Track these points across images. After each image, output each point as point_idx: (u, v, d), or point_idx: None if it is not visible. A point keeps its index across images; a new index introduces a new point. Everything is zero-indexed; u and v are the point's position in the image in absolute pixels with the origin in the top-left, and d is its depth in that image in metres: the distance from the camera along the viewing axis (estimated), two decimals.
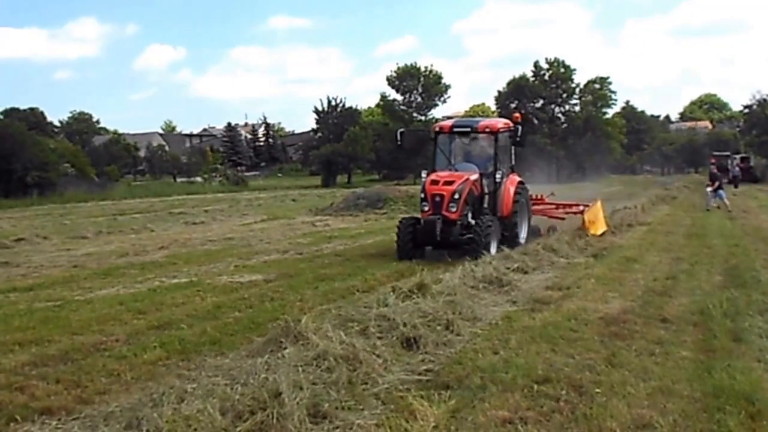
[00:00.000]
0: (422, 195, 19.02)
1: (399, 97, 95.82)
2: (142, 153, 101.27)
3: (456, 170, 19.77)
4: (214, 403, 6.53)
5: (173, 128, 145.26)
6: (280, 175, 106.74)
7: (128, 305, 13.17)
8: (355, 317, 10.19)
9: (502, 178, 19.76)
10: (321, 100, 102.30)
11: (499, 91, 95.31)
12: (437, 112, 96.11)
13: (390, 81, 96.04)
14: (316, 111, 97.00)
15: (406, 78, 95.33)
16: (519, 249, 17.90)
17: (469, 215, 18.80)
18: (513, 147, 20.96)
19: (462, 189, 18.52)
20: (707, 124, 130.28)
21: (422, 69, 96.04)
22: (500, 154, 20.08)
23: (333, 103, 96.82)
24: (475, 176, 19.18)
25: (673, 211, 34.72)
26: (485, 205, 19.42)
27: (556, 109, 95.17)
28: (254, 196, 57.46)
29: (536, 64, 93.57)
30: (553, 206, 24.35)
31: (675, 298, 12.86)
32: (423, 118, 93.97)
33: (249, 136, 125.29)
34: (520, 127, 20.15)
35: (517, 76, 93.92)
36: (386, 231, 24.63)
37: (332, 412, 6.98)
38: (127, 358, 9.60)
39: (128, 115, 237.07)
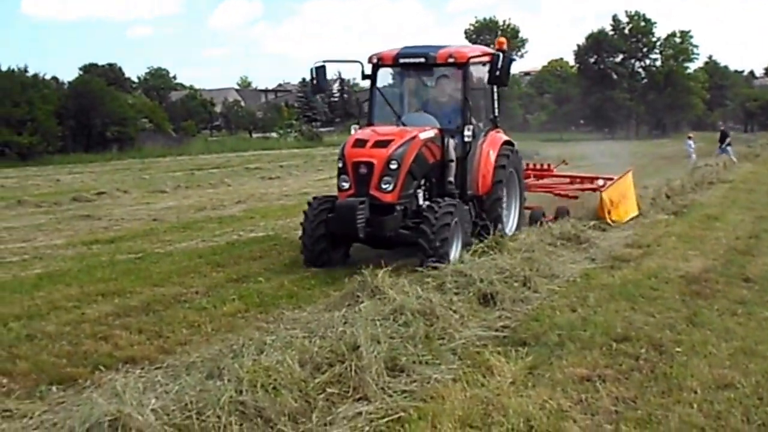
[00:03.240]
0: (340, 164, 12.52)
1: None
2: (218, 108, 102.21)
3: (403, 124, 13.34)
4: (292, 354, 6.58)
5: (249, 84, 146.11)
6: None
7: (207, 258, 13.38)
8: (432, 273, 10.21)
9: (474, 136, 13.32)
10: None
11: (578, 45, 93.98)
12: (514, 67, 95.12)
13: (467, 35, 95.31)
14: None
15: (484, 32, 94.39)
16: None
17: (420, 195, 12.78)
18: (494, 89, 14.47)
19: (403, 154, 11.99)
20: None
21: (500, 23, 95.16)
22: (473, 99, 13.62)
23: None
24: (428, 133, 12.68)
25: (756, 168, 33.95)
26: (450, 179, 13.13)
27: (636, 64, 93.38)
28: (329, 152, 57.46)
29: (615, 18, 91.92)
30: (567, 181, 18.27)
31: (758, 257, 12.61)
32: None
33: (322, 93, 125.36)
34: (501, 57, 12.75)
35: (595, 30, 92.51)
36: None
37: (409, 365, 7.03)
38: (207, 310, 9.77)
39: (204, 71, 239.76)
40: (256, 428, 5.64)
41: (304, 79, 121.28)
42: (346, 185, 12.28)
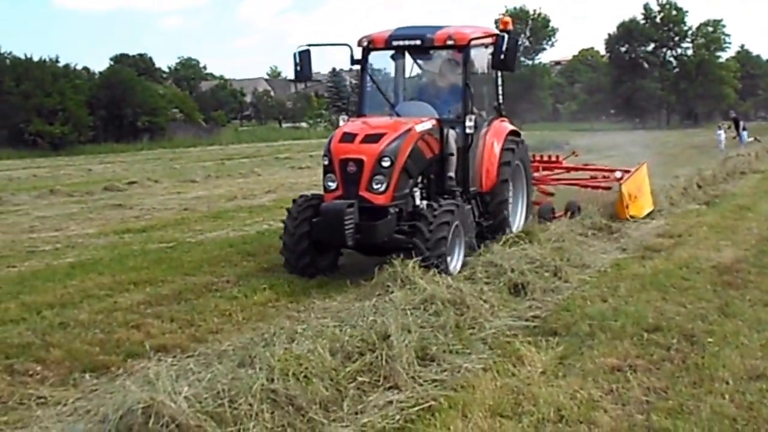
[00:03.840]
0: (325, 161, 10.96)
1: None
2: (248, 98, 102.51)
3: (397, 115, 11.88)
4: (323, 343, 6.59)
5: (278, 74, 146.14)
6: None
7: (238, 247, 13.43)
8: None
9: (476, 126, 11.69)
10: None
11: (609, 35, 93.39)
12: (544, 57, 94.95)
13: (497, 25, 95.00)
14: None
15: (514, 22, 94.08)
16: None
17: (417, 195, 11.14)
18: (498, 74, 13.10)
19: (397, 149, 10.48)
20: None
21: (531, 12, 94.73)
22: (474, 86, 11.96)
23: None
24: (425, 125, 11.17)
25: None
26: (450, 175, 11.62)
27: (668, 53, 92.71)
28: None
29: (646, 6, 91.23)
30: (587, 175, 16.87)
31: None
32: (530, 62, 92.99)
33: (353, 82, 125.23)
34: (506, 38, 11.22)
35: (627, 18, 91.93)
36: None
37: (440, 355, 7.06)
38: (238, 299, 9.81)
39: (234, 61, 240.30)
40: (288, 416, 5.66)
41: (334, 69, 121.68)
42: (332, 185, 10.77)
